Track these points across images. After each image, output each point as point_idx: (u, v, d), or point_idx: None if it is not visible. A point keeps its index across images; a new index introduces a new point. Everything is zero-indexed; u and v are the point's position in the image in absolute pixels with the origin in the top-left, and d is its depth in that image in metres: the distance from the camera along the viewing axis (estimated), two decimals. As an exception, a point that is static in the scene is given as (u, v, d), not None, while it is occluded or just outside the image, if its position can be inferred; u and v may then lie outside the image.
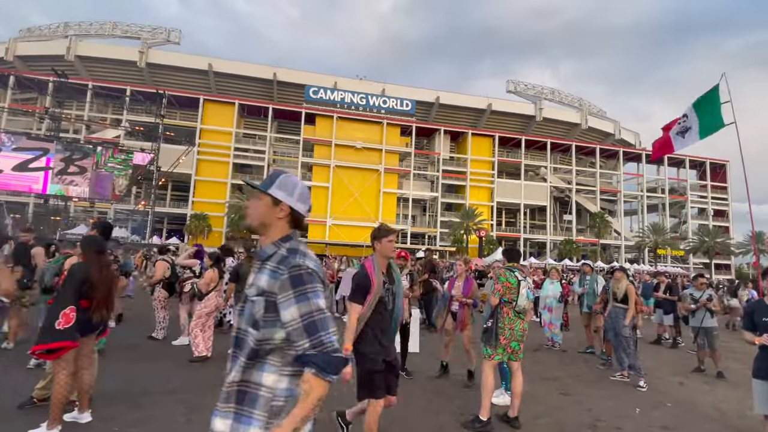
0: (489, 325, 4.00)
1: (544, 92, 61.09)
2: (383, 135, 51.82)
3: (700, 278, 6.65)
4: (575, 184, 57.22)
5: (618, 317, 5.95)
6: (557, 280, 8.18)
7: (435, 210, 54.35)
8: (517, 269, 4.06)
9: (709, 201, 59.27)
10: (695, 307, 6.43)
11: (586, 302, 7.57)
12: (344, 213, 49.29)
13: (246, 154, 50.99)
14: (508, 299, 3.93)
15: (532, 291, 4.09)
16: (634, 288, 5.92)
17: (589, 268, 7.86)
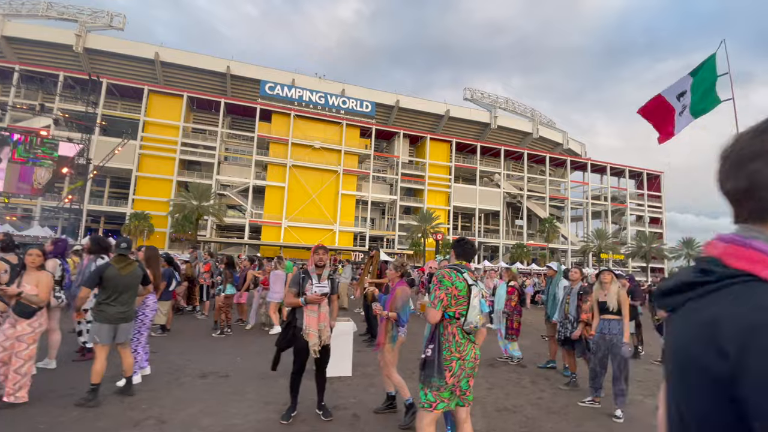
0: (428, 354, 2.66)
1: (499, 101, 62.29)
2: (342, 136, 50.20)
3: None
4: (526, 191, 58.57)
5: (612, 333, 4.67)
6: (504, 281, 7.11)
7: (394, 213, 53.40)
8: (467, 269, 2.78)
9: (646, 209, 62.91)
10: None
11: (550, 310, 6.50)
12: (301, 214, 47.04)
13: (195, 150, 47.37)
14: (454, 313, 2.64)
15: (488, 300, 2.78)
16: (625, 295, 4.83)
17: (552, 272, 6.76)
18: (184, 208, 39.02)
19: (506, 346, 6.75)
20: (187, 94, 47.26)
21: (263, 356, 5.99)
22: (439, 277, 2.71)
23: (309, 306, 3.95)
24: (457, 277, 2.67)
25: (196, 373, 5.37)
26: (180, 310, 10.56)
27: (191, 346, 6.94)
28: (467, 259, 2.89)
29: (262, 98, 49.20)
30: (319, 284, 4.03)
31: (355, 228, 50.24)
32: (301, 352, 3.94)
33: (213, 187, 45.29)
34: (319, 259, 4.07)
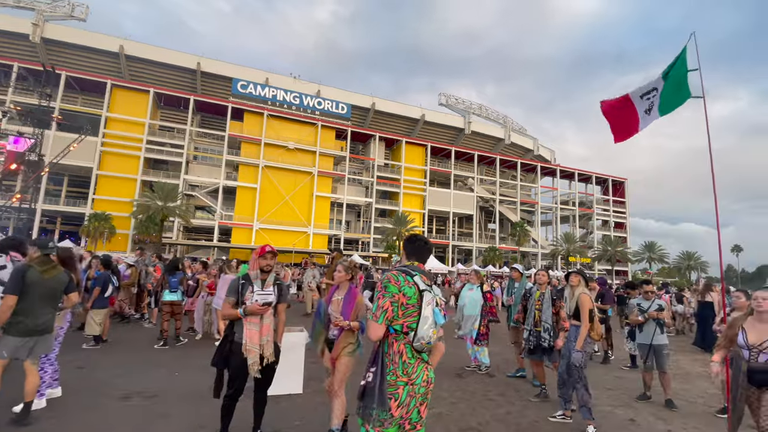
0: (368, 380, 2.10)
1: (473, 107, 63.04)
2: (317, 137, 49.26)
3: (646, 285, 5.48)
4: (499, 195, 59.39)
5: (569, 339, 4.48)
6: (477, 285, 6.57)
7: (369, 216, 52.83)
8: (419, 272, 2.21)
9: (611, 214, 65.09)
10: (643, 319, 5.22)
11: (513, 315, 6.11)
12: (273, 216, 45.70)
13: (161, 148, 45.23)
14: (401, 326, 2.10)
15: (443, 309, 2.24)
16: (589, 298, 4.46)
17: (517, 274, 6.33)
18: (148, 208, 37.01)
19: (476, 353, 6.30)
20: (153, 90, 45.12)
21: (207, 371, 5.26)
22: (383, 282, 2.15)
23: (249, 318, 3.33)
24: (405, 282, 2.11)
25: (119, 392, 4.62)
26: (126, 318, 9.62)
27: (126, 360, 6.12)
28: (420, 258, 2.31)
29: (234, 96, 47.65)
30: (262, 291, 3.42)
31: (330, 230, 49.32)
32: (238, 372, 3.31)
33: (180, 187, 43.34)
34: (267, 264, 3.47)
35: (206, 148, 49.24)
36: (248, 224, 44.53)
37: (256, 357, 3.28)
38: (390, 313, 2.07)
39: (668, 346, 5.19)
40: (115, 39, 47.66)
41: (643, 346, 5.24)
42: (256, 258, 3.49)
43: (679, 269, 58.85)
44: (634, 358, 7.14)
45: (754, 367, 2.98)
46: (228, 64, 50.83)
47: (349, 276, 3.67)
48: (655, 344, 5.10)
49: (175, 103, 47.82)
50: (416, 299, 2.10)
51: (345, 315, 3.46)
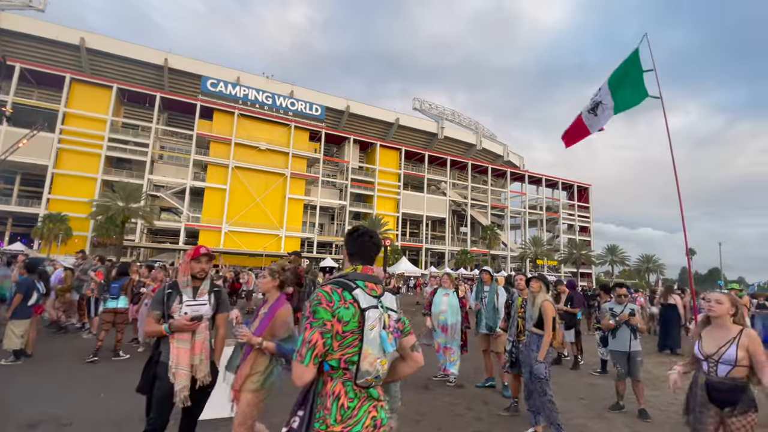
0: (293, 427, 1.53)
1: (446, 113, 63.59)
2: (290, 138, 48.10)
3: (619, 289, 5.20)
4: (470, 199, 60.03)
5: (530, 348, 4.10)
6: (452, 289, 6.07)
7: (343, 218, 52.02)
8: (362, 281, 1.64)
9: (576, 218, 67.15)
10: (614, 323, 4.93)
11: (484, 321, 5.70)
12: (243, 219, 44.10)
13: (125, 146, 42.83)
14: (338, 362, 1.54)
15: (393, 332, 1.62)
16: (552, 306, 4.10)
17: (488, 276, 5.90)
18: (108, 209, 34.79)
19: (447, 363, 5.84)
20: (117, 86, 42.72)
21: (136, 394, 4.55)
22: (312, 305, 1.55)
23: (177, 334, 2.71)
24: (341, 301, 1.54)
25: (26, 419, 3.86)
26: (63, 328, 8.59)
27: (47, 378, 5.28)
28: (365, 259, 1.73)
29: (204, 95, 45.82)
30: (193, 302, 2.80)
31: (303, 233, 48.18)
32: (161, 401, 2.68)
33: (145, 188, 41.15)
34: (201, 269, 2.85)
35: (173, 148, 47.08)
36: (216, 226, 42.76)
37: (186, 381, 2.67)
38: (321, 348, 1.51)
39: (641, 353, 4.91)
40: (76, 31, 44.85)
41: (617, 354, 4.93)
42: (188, 261, 2.86)
43: (638, 271, 61.35)
44: (605, 363, 6.92)
45: (712, 382, 2.57)
46: (197, 61, 48.90)
47: (277, 282, 2.93)
48: (629, 351, 4.81)
49: (140, 100, 45.46)
50: (357, 322, 1.54)
51: (258, 332, 2.75)
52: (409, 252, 53.64)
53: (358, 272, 1.69)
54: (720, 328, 2.62)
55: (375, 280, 1.68)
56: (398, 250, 47.32)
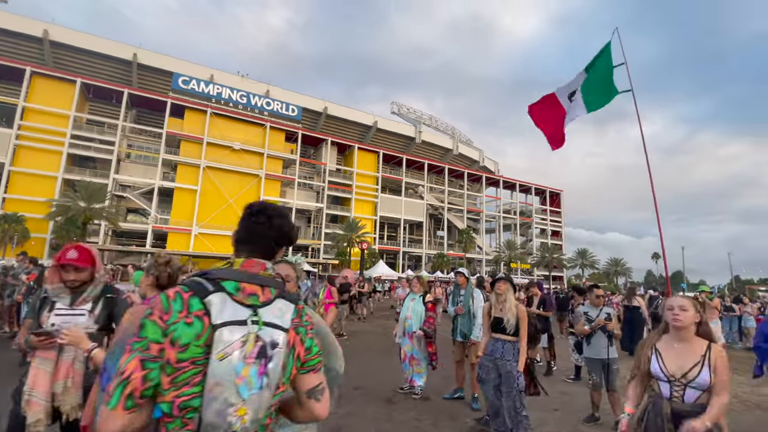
0: None
1: (424, 118, 63.86)
2: (266, 138, 46.89)
3: (596, 290, 4.84)
4: (447, 203, 60.31)
5: (501, 356, 3.67)
6: (419, 294, 5.55)
7: (320, 221, 51.08)
8: (233, 281, 1.04)
9: (549, 223, 68.61)
10: (589, 329, 4.57)
11: (459, 327, 5.25)
12: (215, 221, 42.51)
13: (89, 144, 40.61)
14: (170, 405, 0.93)
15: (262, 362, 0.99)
16: (525, 312, 3.70)
17: (463, 279, 5.35)
18: (68, 209, 32.73)
19: (413, 374, 5.34)
20: (81, 81, 40.51)
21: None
22: (143, 318, 0.99)
23: (39, 352, 2.11)
24: (182, 312, 0.97)
25: None
26: (-10, 338, 7.59)
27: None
28: (258, 248, 1.15)
29: (175, 92, 44.10)
30: (68, 310, 2.20)
31: (277, 236, 46.87)
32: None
33: (109, 187, 39.09)
34: (72, 280, 2.20)
35: (141, 146, 45.02)
36: (186, 229, 41.03)
37: (41, 413, 2.05)
38: (138, 384, 0.92)
39: (617, 360, 4.56)
40: (38, 22, 42.32)
41: (592, 362, 4.56)
42: (56, 266, 2.24)
43: (607, 275, 63.15)
44: (579, 370, 6.61)
45: (679, 411, 1.99)
46: (169, 57, 47.05)
47: (152, 280, 2.14)
48: (605, 358, 4.45)
49: (107, 96, 43.29)
50: (202, 347, 0.96)
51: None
52: (387, 255, 53.23)
53: (233, 268, 1.09)
54: (683, 342, 2.11)
55: (259, 280, 1.08)
56: (376, 253, 46.82)
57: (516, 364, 3.55)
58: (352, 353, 7.98)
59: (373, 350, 8.30)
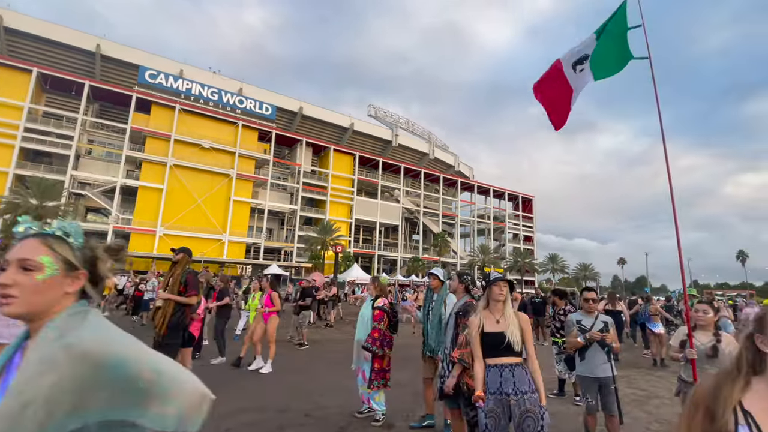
0: None
1: (401, 122, 63.46)
2: (237, 137, 45.00)
3: (587, 293, 4.03)
4: (423, 207, 59.96)
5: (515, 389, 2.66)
6: (371, 298, 4.74)
7: (293, 224, 49.44)
8: None
9: (521, 228, 69.50)
10: (583, 341, 3.77)
11: (427, 340, 4.27)
12: (182, 222, 40.25)
13: (45, 138, 37.63)
14: None
15: None
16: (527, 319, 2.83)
17: (436, 282, 4.30)
18: (17, 207, 29.93)
19: (370, 395, 4.41)
20: (37, 70, 37.58)
21: None
22: None
23: None
24: None
25: None
26: None
27: None
28: None
29: (141, 86, 41.64)
30: None
31: (249, 239, 45.01)
32: None
33: (67, 184, 36.31)
34: None
35: (103, 142, 42.22)
36: (150, 229, 38.58)
37: None
38: None
39: (616, 379, 3.79)
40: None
41: (586, 381, 3.75)
42: None
43: (576, 279, 64.41)
44: (563, 383, 5.87)
45: None
46: (135, 49, 44.46)
47: None
48: (601, 377, 3.66)
49: (67, 88, 40.37)
50: None
51: None
52: (362, 259, 52.16)
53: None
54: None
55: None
56: (350, 256, 45.68)
57: (537, 396, 2.57)
58: (309, 367, 7.06)
59: (333, 363, 7.30)
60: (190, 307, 4.51)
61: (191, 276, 4.57)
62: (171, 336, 4.20)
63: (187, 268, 4.65)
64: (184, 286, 4.45)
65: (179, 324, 4.34)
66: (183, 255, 4.77)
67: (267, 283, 6.85)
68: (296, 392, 5.46)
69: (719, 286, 74.07)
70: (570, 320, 4.04)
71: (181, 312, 4.34)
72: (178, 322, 4.30)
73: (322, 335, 10.54)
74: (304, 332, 8.32)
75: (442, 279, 4.32)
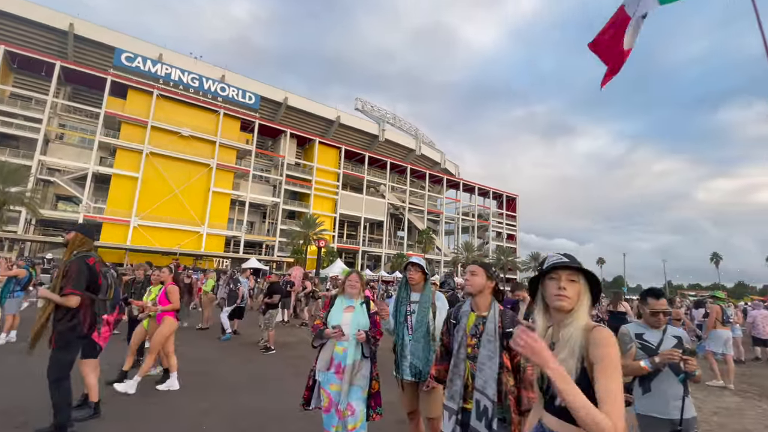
0: None
1: (387, 116, 62.65)
2: (219, 126, 43.42)
3: (655, 301, 2.62)
4: (408, 203, 59.47)
5: None
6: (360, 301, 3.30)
7: (276, 217, 48.22)
8: None
9: (504, 226, 69.86)
10: (649, 367, 2.45)
11: (409, 357, 2.96)
12: (158, 212, 38.62)
13: (11, 120, 35.43)
14: None
15: None
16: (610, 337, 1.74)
17: (418, 275, 3.15)
18: (-22, 194, 28.04)
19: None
20: (5, 48, 35.30)
21: None
22: None
23: None
24: None
25: None
26: None
27: None
28: None
29: (116, 69, 39.62)
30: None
31: (229, 231, 43.63)
32: None
33: (34, 169, 34.30)
34: None
35: (75, 126, 40.12)
36: (124, 220, 36.87)
37: None
38: None
39: (697, 420, 2.55)
40: (-49, -23, 36.36)
41: (651, 424, 2.48)
42: None
43: (557, 277, 65.15)
44: None
45: None
46: (111, 31, 42.19)
47: None
48: (676, 419, 2.39)
49: (36, 69, 38.06)
50: None
51: None
52: (346, 254, 51.38)
53: None
54: None
55: None
56: (334, 252, 44.86)
57: None
58: (268, 381, 5.71)
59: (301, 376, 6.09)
60: (90, 307, 3.42)
61: (75, 266, 3.33)
62: (59, 349, 3.29)
63: (77, 254, 3.43)
64: (65, 274, 3.34)
65: (70, 333, 3.30)
66: (75, 235, 3.51)
67: (168, 274, 5.24)
68: (237, 420, 4.10)
69: (692, 287, 76.34)
70: (626, 333, 2.69)
71: (72, 316, 3.29)
72: (67, 329, 3.28)
73: (294, 336, 9.82)
74: (270, 334, 7.57)
75: (425, 272, 3.16)
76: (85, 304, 3.38)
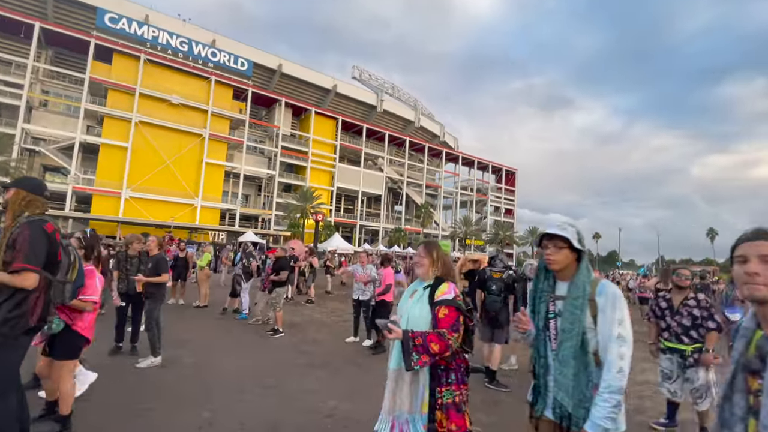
0: None
1: (386, 86, 60.63)
2: (210, 94, 41.67)
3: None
4: (406, 177, 58.63)
5: None
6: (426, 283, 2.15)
7: (271, 190, 47.33)
8: None
9: (503, 201, 69.54)
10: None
11: (552, 391, 1.77)
12: (149, 183, 37.60)
13: (-11, 85, 33.60)
14: None
15: None
16: None
17: (564, 255, 1.83)
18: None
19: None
20: (-24, 6, 32.91)
21: None
22: None
23: None
24: None
25: None
26: None
27: None
28: None
29: (100, 31, 37.36)
30: None
31: (223, 204, 42.85)
32: None
33: (18, 139, 32.91)
34: None
35: (59, 93, 38.26)
36: (115, 191, 35.87)
37: None
38: None
39: None
40: None
41: None
42: None
43: (553, 252, 65.63)
44: (675, 409, 3.91)
45: None
46: (92, -12, 39.47)
47: None
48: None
49: (14, 30, 35.72)
50: None
51: None
52: (343, 228, 51.00)
53: None
54: None
55: None
56: (331, 226, 44.44)
57: None
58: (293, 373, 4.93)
59: (317, 368, 5.27)
60: (45, 292, 2.38)
61: (27, 232, 2.29)
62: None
63: (25, 218, 2.36)
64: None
65: (13, 326, 2.21)
66: (15, 192, 2.44)
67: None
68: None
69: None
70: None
71: (17, 303, 2.23)
72: (8, 321, 2.19)
73: (301, 315, 9.44)
74: (278, 315, 7.13)
75: (576, 247, 1.81)
76: (41, 287, 2.35)
